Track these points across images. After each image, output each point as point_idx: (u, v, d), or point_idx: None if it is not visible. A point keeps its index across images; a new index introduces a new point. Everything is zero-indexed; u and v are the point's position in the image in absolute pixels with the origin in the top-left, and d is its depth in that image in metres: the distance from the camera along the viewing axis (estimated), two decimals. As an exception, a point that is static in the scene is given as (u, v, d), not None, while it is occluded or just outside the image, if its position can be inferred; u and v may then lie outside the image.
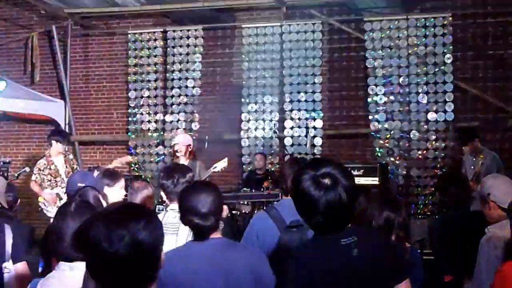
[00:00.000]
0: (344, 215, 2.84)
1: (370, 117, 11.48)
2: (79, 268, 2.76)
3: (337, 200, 2.78)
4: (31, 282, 3.13)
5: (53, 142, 9.09)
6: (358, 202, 3.35)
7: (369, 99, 11.51)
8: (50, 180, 9.03)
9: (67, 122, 12.78)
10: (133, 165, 12.25)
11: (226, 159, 8.25)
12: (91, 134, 13.28)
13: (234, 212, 9.72)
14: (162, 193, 4.67)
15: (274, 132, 11.75)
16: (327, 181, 2.81)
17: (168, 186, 4.55)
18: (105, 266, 2.08)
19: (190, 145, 8.61)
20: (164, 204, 5.80)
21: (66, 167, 9.02)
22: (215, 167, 8.13)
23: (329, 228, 2.83)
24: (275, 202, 6.16)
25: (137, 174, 11.81)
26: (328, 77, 12.04)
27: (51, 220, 4.46)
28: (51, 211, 8.78)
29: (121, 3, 12.08)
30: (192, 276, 3.32)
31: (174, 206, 4.34)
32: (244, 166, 11.97)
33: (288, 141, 11.77)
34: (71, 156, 9.24)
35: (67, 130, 12.52)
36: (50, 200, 8.89)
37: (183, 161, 8.28)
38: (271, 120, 11.85)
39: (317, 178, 2.82)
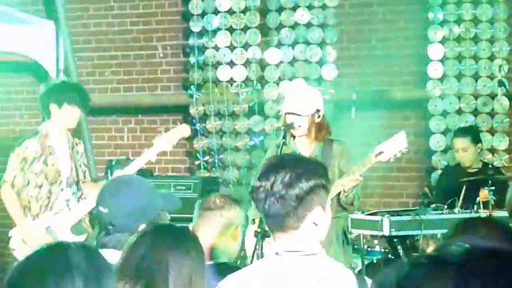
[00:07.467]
0: None
1: None
2: None
3: None
4: None
5: (65, 105, 6.37)
6: None
7: None
8: (39, 186, 6.39)
9: (61, 66, 8.69)
10: (199, 155, 8.35)
11: (402, 134, 5.75)
12: (110, 93, 9.26)
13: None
14: (252, 211, 4.32)
15: (501, 83, 7.50)
16: None
17: (261, 198, 3.03)
18: None
19: (319, 111, 5.85)
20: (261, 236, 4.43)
21: (78, 159, 6.56)
22: (380, 152, 5.62)
23: None
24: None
25: (209, 175, 8.24)
26: None
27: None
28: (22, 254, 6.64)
29: None
30: None
31: (277, 243, 3.01)
32: (433, 158, 7.74)
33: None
34: (76, 140, 6.69)
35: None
36: (29, 240, 6.34)
37: (305, 146, 5.80)
38: (491, 59, 7.49)
39: None
